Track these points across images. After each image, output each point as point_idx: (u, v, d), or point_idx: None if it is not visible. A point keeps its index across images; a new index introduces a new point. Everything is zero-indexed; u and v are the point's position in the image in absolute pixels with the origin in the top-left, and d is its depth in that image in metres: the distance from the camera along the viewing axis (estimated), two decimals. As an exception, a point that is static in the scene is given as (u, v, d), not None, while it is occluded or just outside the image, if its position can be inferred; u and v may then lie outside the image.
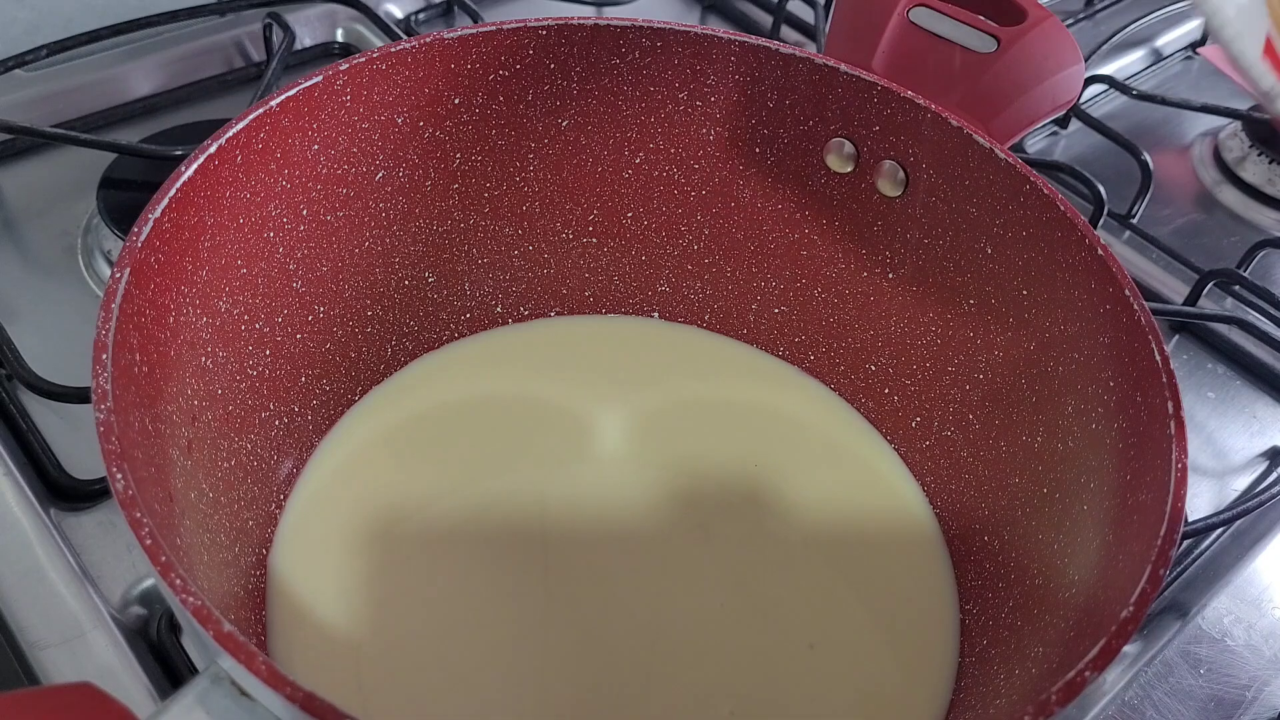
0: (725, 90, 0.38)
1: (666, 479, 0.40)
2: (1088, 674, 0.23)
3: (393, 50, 0.34)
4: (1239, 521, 0.44)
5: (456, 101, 0.37)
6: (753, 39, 0.37)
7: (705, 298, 0.44)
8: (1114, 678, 0.38)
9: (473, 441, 0.40)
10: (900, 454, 0.41)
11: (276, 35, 0.55)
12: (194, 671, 0.34)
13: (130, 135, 0.52)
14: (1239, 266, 0.53)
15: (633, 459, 0.40)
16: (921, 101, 0.35)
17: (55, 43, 0.52)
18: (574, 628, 0.35)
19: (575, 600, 0.36)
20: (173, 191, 0.29)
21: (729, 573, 0.37)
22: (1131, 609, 0.24)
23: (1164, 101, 0.63)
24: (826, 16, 0.64)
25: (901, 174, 0.37)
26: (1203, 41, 0.72)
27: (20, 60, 0.51)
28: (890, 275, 0.39)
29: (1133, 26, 0.70)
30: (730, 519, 0.39)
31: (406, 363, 0.42)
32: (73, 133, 0.49)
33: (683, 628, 0.36)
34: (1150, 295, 0.53)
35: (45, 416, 0.40)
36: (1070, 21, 0.71)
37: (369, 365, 0.40)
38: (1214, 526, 0.42)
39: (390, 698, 0.33)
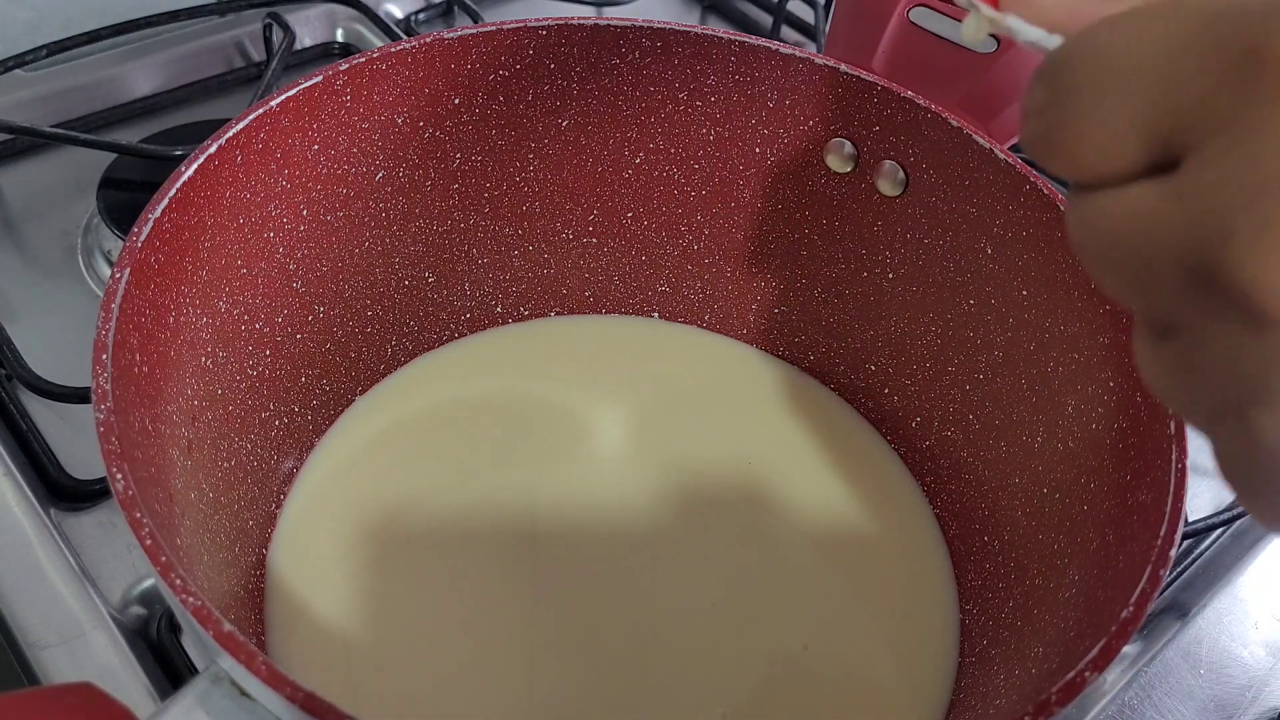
0: (725, 90, 0.38)
1: (665, 478, 0.39)
2: (1088, 674, 0.23)
3: (393, 50, 0.34)
4: (1239, 521, 0.44)
5: (456, 101, 0.37)
6: (753, 39, 0.37)
7: (705, 298, 0.44)
8: (1114, 678, 0.38)
9: (472, 441, 0.40)
10: (900, 454, 0.41)
11: (276, 35, 0.55)
12: (194, 671, 0.34)
13: (130, 135, 0.52)
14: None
15: (632, 458, 0.40)
16: (921, 101, 0.35)
17: (55, 43, 0.52)
18: (570, 628, 0.35)
19: (571, 600, 0.36)
20: (173, 191, 0.29)
21: (727, 573, 0.37)
22: (1131, 609, 0.24)
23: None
24: (826, 16, 0.64)
25: (901, 174, 0.37)
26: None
27: (20, 60, 0.51)
28: (890, 275, 0.39)
29: (1133, 26, 0.70)
30: (729, 519, 0.39)
31: (406, 363, 0.42)
32: (73, 133, 0.49)
33: (678, 628, 0.35)
34: (1150, 295, 0.53)
35: (45, 416, 0.40)
36: (1070, 21, 0.71)
37: (369, 365, 0.40)
38: (1214, 526, 0.42)
39: (383, 696, 0.33)
